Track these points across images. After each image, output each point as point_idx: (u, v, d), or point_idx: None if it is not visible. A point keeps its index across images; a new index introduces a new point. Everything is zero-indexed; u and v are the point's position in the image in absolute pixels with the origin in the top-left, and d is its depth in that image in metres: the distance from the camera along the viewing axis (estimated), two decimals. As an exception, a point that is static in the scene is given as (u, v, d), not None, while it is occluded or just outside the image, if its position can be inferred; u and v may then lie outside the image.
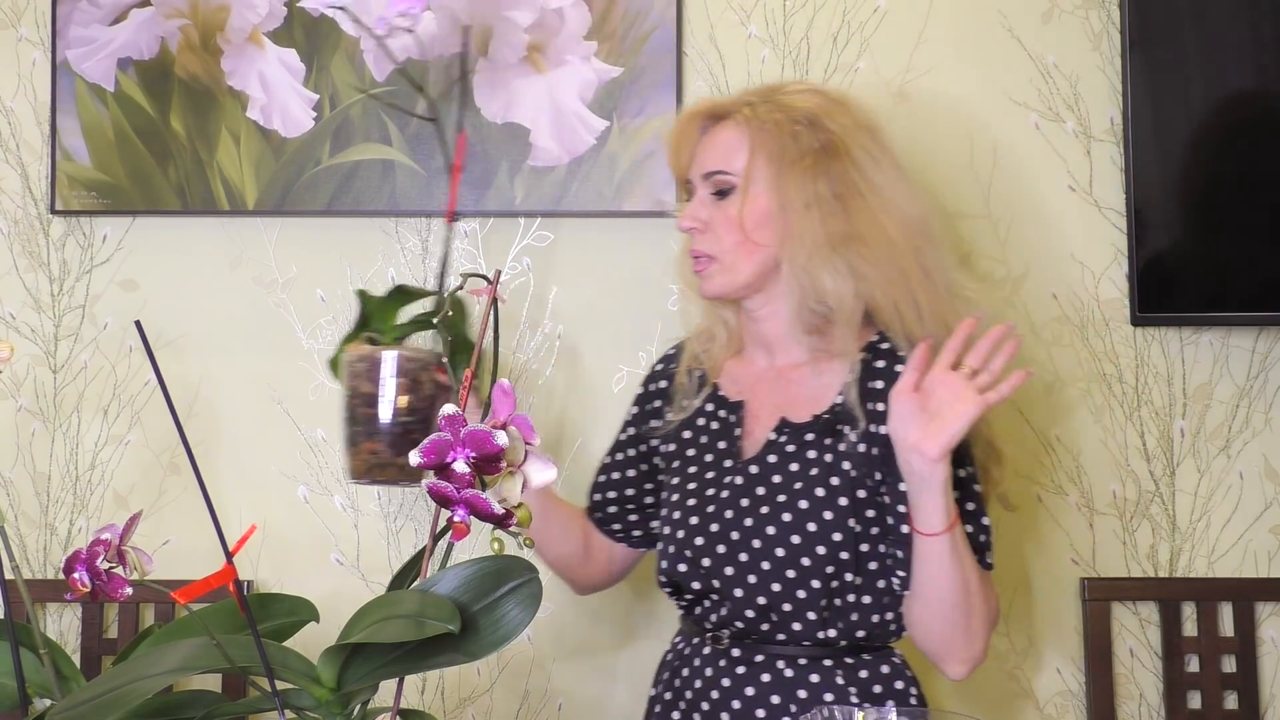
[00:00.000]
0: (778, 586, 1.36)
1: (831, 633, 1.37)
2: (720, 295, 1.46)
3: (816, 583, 1.36)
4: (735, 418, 1.47)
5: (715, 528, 1.39)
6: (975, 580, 1.34)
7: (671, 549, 1.43)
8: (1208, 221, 1.84)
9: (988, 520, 1.40)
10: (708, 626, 1.43)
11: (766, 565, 1.36)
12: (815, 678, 1.37)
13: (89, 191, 1.92)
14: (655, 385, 1.59)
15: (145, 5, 1.91)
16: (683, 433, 1.51)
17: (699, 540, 1.40)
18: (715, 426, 1.48)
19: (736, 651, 1.40)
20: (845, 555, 1.36)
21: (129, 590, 0.95)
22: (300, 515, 1.91)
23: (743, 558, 1.37)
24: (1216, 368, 1.89)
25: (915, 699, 1.41)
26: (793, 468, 1.39)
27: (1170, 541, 1.88)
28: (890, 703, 1.38)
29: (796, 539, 1.36)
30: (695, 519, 1.42)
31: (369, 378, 1.48)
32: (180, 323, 1.93)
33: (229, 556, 0.82)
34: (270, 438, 1.91)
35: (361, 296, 1.56)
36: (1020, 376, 1.28)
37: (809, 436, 1.40)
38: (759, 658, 1.39)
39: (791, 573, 1.35)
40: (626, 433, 1.60)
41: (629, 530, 1.60)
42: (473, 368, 0.99)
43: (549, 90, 1.88)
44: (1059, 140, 1.90)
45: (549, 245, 1.92)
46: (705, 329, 1.54)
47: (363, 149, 1.90)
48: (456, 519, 0.87)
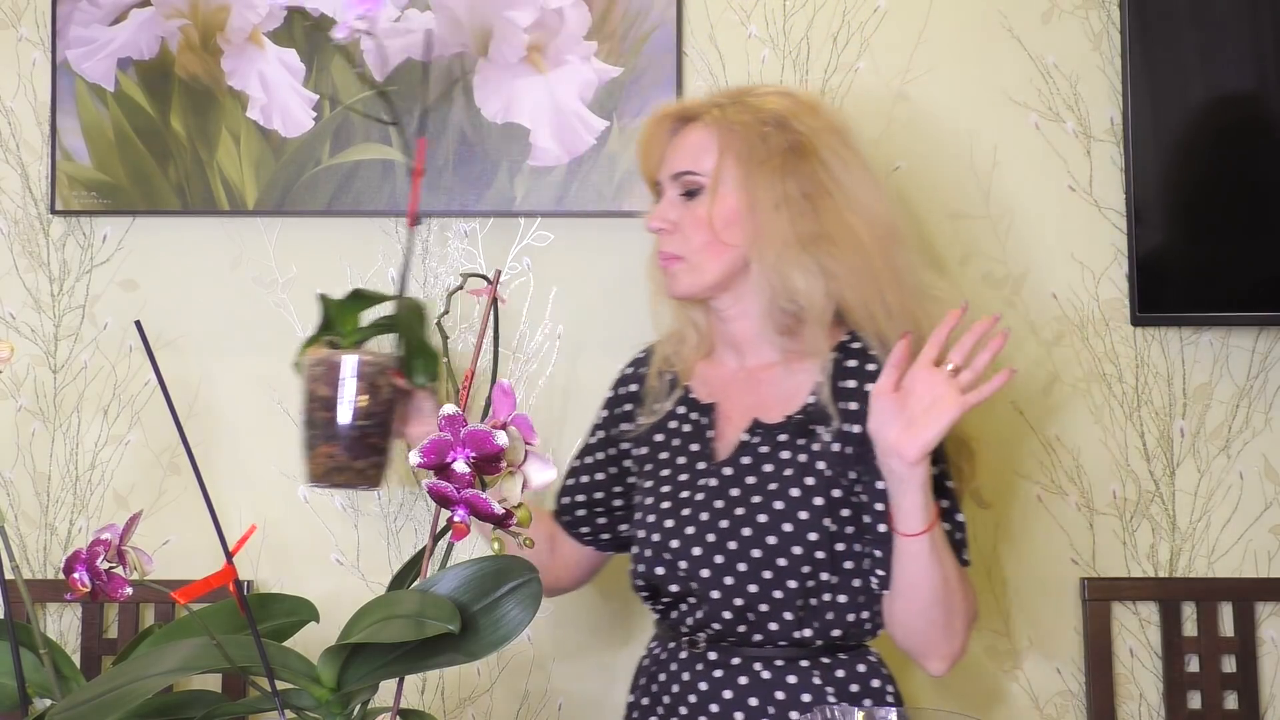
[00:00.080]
0: (754, 587, 1.36)
1: (807, 632, 1.37)
2: (687, 295, 1.46)
3: (793, 583, 1.36)
4: (707, 420, 1.47)
5: (691, 530, 1.39)
6: (955, 578, 1.34)
7: (648, 552, 1.43)
8: (1208, 221, 1.84)
9: (962, 517, 1.40)
10: (684, 630, 1.43)
11: (743, 566, 1.36)
12: (792, 679, 1.37)
13: (89, 191, 1.92)
14: (625, 388, 1.59)
15: (145, 5, 1.91)
16: (654, 436, 1.51)
17: (675, 543, 1.40)
18: (687, 429, 1.48)
19: (713, 655, 1.40)
20: (821, 555, 1.36)
21: (129, 590, 0.95)
22: (300, 515, 1.91)
23: (719, 559, 1.37)
24: (1216, 368, 1.89)
25: (892, 697, 1.41)
26: (766, 469, 1.40)
27: (1170, 541, 1.88)
28: (890, 704, 1.39)
29: (772, 540, 1.36)
30: (671, 522, 1.42)
31: (326, 381, 1.48)
32: (180, 323, 1.93)
33: (229, 556, 0.82)
34: (270, 438, 1.91)
35: (322, 300, 1.56)
36: (1004, 376, 1.26)
37: (782, 437, 1.41)
38: (736, 660, 1.39)
39: (768, 573, 1.36)
40: (596, 436, 1.59)
41: (597, 534, 1.59)
42: (473, 366, 0.99)
43: (549, 90, 1.88)
44: (1059, 140, 1.90)
45: (549, 245, 1.92)
46: (675, 331, 1.55)
47: (363, 149, 1.90)
48: (456, 519, 0.87)
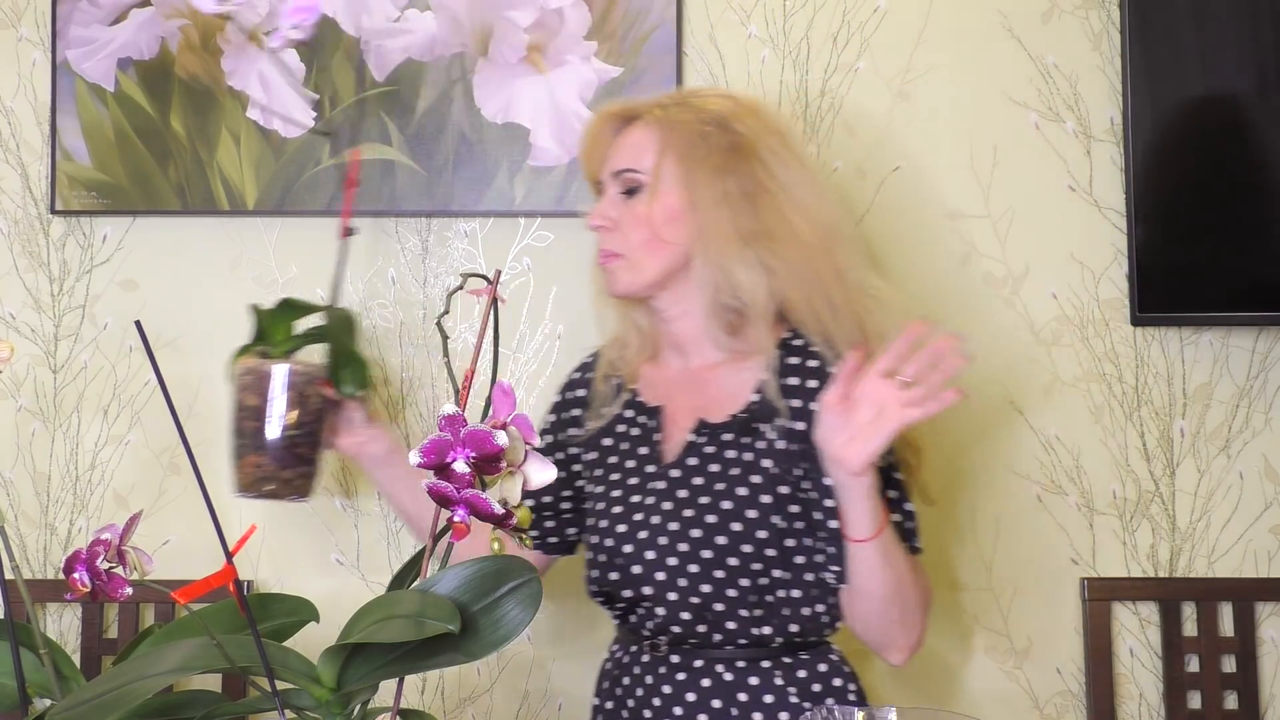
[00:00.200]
0: (707, 587, 1.37)
1: (767, 630, 1.38)
2: (627, 293, 1.46)
3: (745, 580, 1.36)
4: (655, 423, 1.47)
5: (643, 535, 1.40)
6: (908, 574, 1.35)
7: (602, 558, 1.44)
8: (1207, 221, 1.84)
9: (911, 506, 1.41)
10: (645, 634, 1.43)
11: (694, 568, 1.37)
12: (754, 680, 1.38)
13: (89, 191, 1.92)
14: (572, 393, 1.59)
15: (145, 5, 1.91)
16: (603, 440, 1.51)
17: (627, 548, 1.41)
18: (635, 433, 1.48)
19: (675, 658, 1.41)
20: (772, 552, 1.37)
21: (129, 590, 0.95)
22: (300, 515, 1.91)
23: (671, 562, 1.38)
24: (1216, 368, 1.89)
25: (854, 694, 1.42)
26: (713, 469, 1.40)
27: (1170, 541, 1.88)
28: (852, 702, 1.40)
29: (722, 539, 1.36)
30: (623, 527, 1.42)
31: (255, 390, 1.47)
32: (180, 323, 1.93)
33: (229, 556, 0.82)
34: (270, 438, 1.91)
35: (254, 310, 1.56)
36: (954, 396, 1.24)
37: (727, 436, 1.41)
38: (698, 663, 1.40)
39: (720, 573, 1.36)
40: (543, 441, 1.60)
41: (545, 537, 1.59)
42: (473, 366, 0.99)
43: (549, 90, 1.88)
44: (1059, 140, 1.90)
45: (549, 245, 1.92)
46: (618, 336, 1.55)
47: (363, 149, 1.90)
48: (456, 519, 0.87)
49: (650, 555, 1.39)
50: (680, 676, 1.40)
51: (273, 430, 1.47)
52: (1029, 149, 1.90)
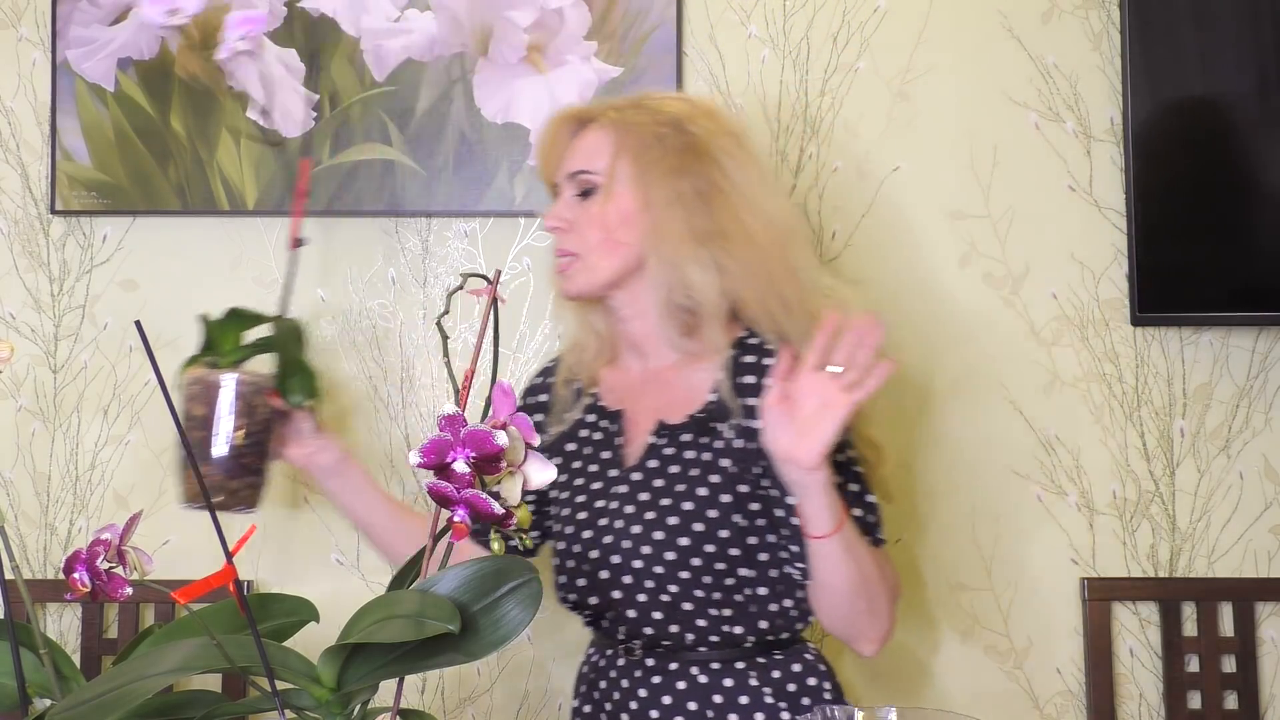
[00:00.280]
0: (674, 588, 1.37)
1: (738, 629, 1.38)
2: (581, 294, 1.47)
3: (710, 579, 1.37)
4: (616, 426, 1.47)
5: (608, 540, 1.40)
6: (871, 567, 1.34)
7: (570, 564, 1.44)
8: (1207, 221, 1.84)
9: (873, 498, 1.41)
10: (619, 638, 1.44)
11: (660, 569, 1.37)
12: (729, 681, 1.38)
13: (89, 191, 1.92)
14: (534, 399, 1.59)
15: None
16: (565, 445, 1.51)
17: (594, 554, 1.41)
18: (598, 437, 1.48)
19: (650, 661, 1.41)
20: (735, 551, 1.37)
21: (129, 590, 0.95)
22: (300, 515, 1.91)
23: (636, 565, 1.38)
24: (1216, 368, 1.89)
25: (830, 693, 1.42)
26: (673, 470, 1.40)
27: (1170, 541, 1.88)
28: (827, 700, 1.40)
29: (684, 541, 1.36)
30: (588, 533, 1.42)
31: (202, 401, 1.47)
32: (180, 323, 1.93)
33: (229, 556, 0.82)
34: (270, 438, 1.91)
35: (202, 320, 1.55)
36: (887, 367, 1.26)
37: (685, 437, 1.41)
38: (673, 665, 1.40)
39: (685, 574, 1.37)
40: None
41: (505, 540, 1.58)
42: (472, 366, 0.99)
43: (549, 90, 1.88)
44: (1059, 140, 1.90)
45: (549, 245, 1.92)
46: (577, 340, 1.55)
47: (363, 149, 1.90)
48: (456, 519, 0.87)
49: (615, 560, 1.39)
50: (655, 679, 1.40)
51: (219, 448, 1.46)
52: (1029, 149, 1.90)
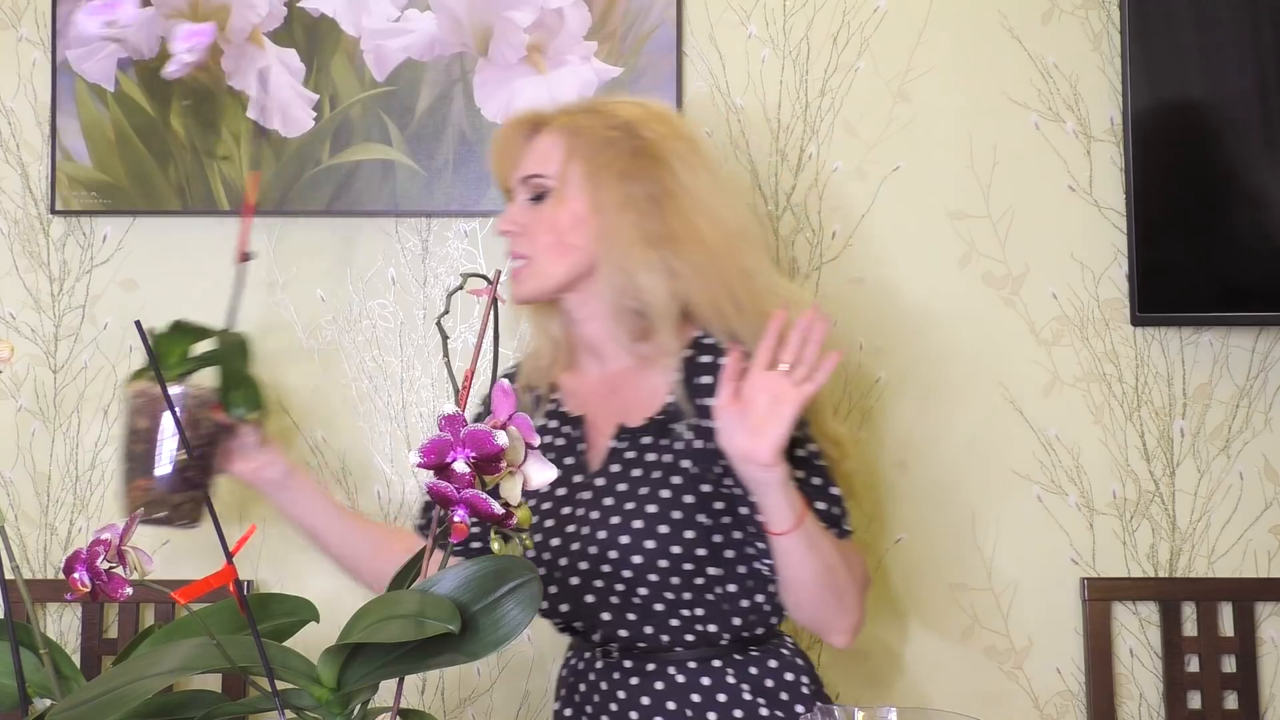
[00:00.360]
0: (644, 590, 1.38)
1: (712, 627, 1.39)
2: (532, 298, 1.47)
3: (677, 579, 1.37)
4: (578, 432, 1.47)
5: (575, 546, 1.40)
6: (836, 559, 1.35)
7: (540, 571, 1.43)
8: (1207, 221, 1.84)
9: (837, 490, 1.41)
10: (595, 641, 1.44)
11: (628, 573, 1.37)
12: (706, 680, 1.39)
13: (89, 191, 1.92)
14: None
15: (145, 5, 1.91)
16: None
17: (563, 561, 1.41)
18: (560, 443, 1.48)
19: (628, 662, 1.42)
20: (702, 551, 1.37)
21: (129, 590, 0.95)
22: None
23: (605, 569, 1.38)
24: (1216, 368, 1.89)
25: (808, 687, 1.42)
26: (635, 473, 1.40)
27: (1170, 541, 1.88)
28: (805, 695, 1.41)
29: (650, 544, 1.36)
30: (556, 540, 1.42)
31: (145, 414, 1.46)
32: (180, 323, 1.93)
33: (229, 556, 0.82)
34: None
35: (148, 333, 1.54)
36: (833, 358, 1.28)
37: (646, 440, 1.41)
38: (650, 666, 1.40)
39: (654, 576, 1.37)
40: None
41: (466, 544, 1.57)
42: (473, 366, 0.99)
43: (549, 90, 1.88)
44: (1059, 140, 1.90)
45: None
46: (535, 348, 1.55)
47: (363, 149, 1.90)
48: (456, 519, 0.87)
49: (584, 566, 1.39)
50: (634, 680, 1.41)
51: (163, 467, 1.46)
52: (1029, 149, 1.90)
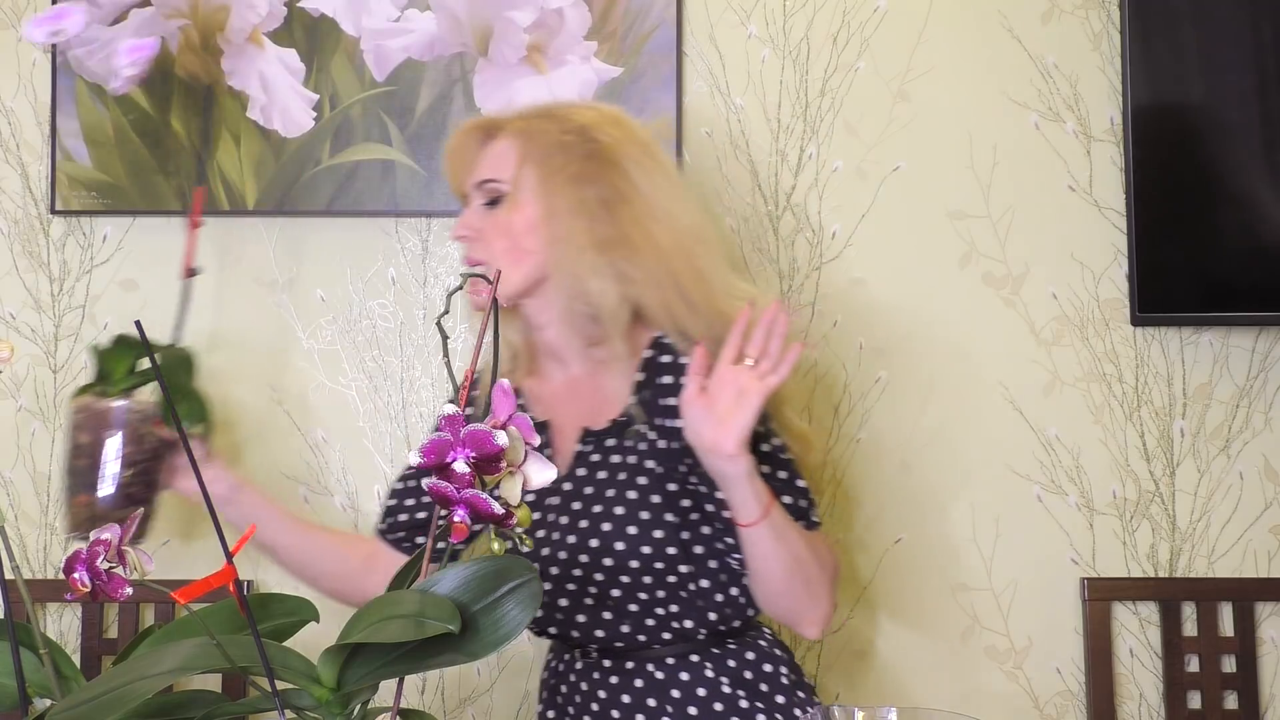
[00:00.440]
0: (617, 591, 1.38)
1: (688, 623, 1.39)
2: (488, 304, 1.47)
3: (649, 578, 1.38)
4: (544, 438, 1.47)
5: (545, 552, 1.40)
6: (805, 550, 1.35)
7: None
8: (1208, 221, 1.84)
9: (803, 482, 1.41)
10: (574, 641, 1.44)
11: (600, 576, 1.38)
12: (685, 675, 1.39)
13: (89, 191, 1.92)
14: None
15: (145, 5, 1.91)
16: None
17: (534, 566, 1.41)
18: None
19: (607, 662, 1.42)
20: (672, 550, 1.37)
21: (129, 590, 0.95)
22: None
23: (576, 573, 1.39)
24: (1216, 368, 1.89)
25: (786, 677, 1.42)
26: (600, 476, 1.41)
27: (1170, 541, 1.88)
28: (784, 685, 1.41)
29: (620, 545, 1.37)
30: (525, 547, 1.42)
31: (88, 429, 1.46)
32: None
33: (229, 556, 0.82)
34: (270, 438, 1.91)
35: (93, 350, 1.54)
36: (795, 350, 1.29)
37: (610, 442, 1.42)
38: (629, 664, 1.41)
39: (625, 577, 1.38)
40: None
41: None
42: (473, 366, 0.99)
43: (549, 90, 1.88)
44: (1059, 140, 1.90)
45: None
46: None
47: (363, 149, 1.90)
48: (456, 519, 0.87)
49: (555, 570, 1.40)
50: (614, 679, 1.41)
51: (105, 488, 1.45)
52: (1029, 149, 1.90)
